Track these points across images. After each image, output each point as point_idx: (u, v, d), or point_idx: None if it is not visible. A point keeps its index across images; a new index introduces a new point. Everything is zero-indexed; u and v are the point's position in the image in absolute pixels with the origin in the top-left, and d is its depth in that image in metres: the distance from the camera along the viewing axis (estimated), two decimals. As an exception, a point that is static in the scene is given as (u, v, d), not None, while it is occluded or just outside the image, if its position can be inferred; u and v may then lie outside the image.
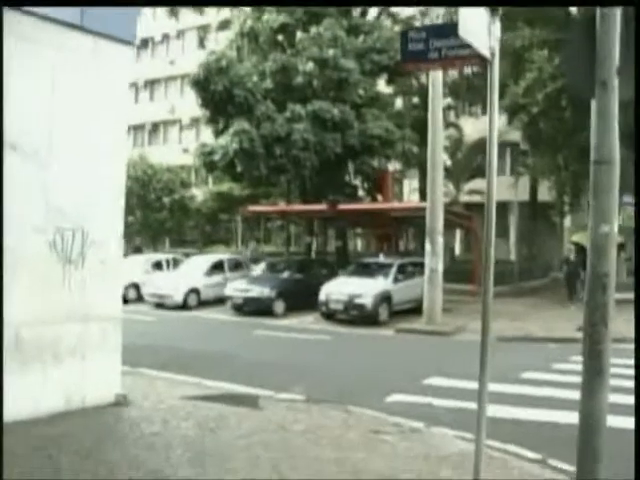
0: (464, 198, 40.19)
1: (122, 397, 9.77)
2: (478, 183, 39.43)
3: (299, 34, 31.65)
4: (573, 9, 23.35)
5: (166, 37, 66.83)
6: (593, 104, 5.76)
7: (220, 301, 26.77)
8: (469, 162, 39.61)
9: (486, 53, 6.35)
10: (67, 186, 9.09)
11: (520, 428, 9.67)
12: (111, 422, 8.94)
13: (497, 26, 6.52)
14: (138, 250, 47.19)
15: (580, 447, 5.84)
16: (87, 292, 9.30)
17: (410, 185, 46.13)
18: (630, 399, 10.99)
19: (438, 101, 22.40)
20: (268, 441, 8.19)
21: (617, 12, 5.59)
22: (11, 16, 8.11)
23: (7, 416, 7.55)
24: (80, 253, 9.23)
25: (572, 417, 6.23)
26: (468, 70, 35.12)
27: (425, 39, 6.78)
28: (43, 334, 8.73)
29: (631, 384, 12.26)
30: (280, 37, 33.22)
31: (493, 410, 10.19)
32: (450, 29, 6.42)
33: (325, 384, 12.78)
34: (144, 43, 68.88)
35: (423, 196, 30.49)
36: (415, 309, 23.16)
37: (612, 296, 5.69)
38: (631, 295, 28.94)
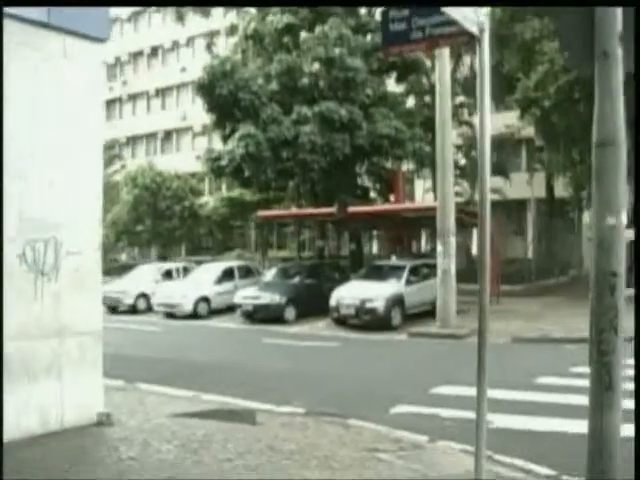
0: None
1: (105, 416, 9.14)
2: (494, 181, 38.79)
3: (304, 34, 31.04)
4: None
5: (176, 44, 66.78)
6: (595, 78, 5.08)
7: (231, 309, 26.24)
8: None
9: (474, 29, 5.69)
10: (40, 196, 8.53)
11: (534, 440, 8.99)
12: (88, 445, 8.32)
13: (485, -2, 5.83)
14: (163, 259, 47.04)
15: (589, 468, 5.15)
16: (62, 305, 8.71)
17: (424, 185, 45.49)
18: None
19: (446, 98, 21.83)
20: (252, 465, 7.54)
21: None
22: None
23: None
24: (54, 265, 8.65)
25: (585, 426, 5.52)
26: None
27: (407, 18, 6.15)
28: (16, 351, 8.13)
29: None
30: (285, 38, 32.56)
31: (505, 420, 9.62)
32: (434, 5, 5.77)
33: (329, 395, 12.18)
34: (154, 51, 68.93)
35: (437, 196, 29.96)
36: (429, 312, 22.54)
37: (622, 298, 4.98)
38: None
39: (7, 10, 7.98)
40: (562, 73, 26.01)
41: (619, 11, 4.95)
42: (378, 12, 35.02)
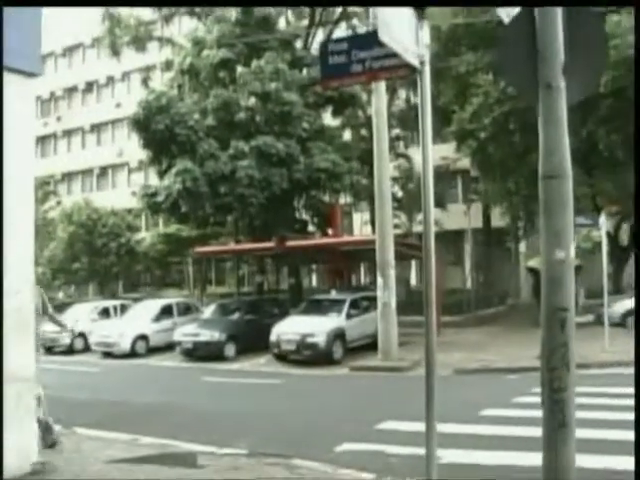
0: (417, 228, 39.72)
1: (40, 465, 8.77)
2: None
3: (240, 69, 31.01)
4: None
5: (111, 79, 66.25)
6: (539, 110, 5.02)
7: (170, 347, 25.83)
8: (420, 192, 39.18)
9: (415, 62, 5.61)
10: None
11: (484, 474, 8.85)
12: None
13: (426, 31, 5.75)
14: (114, 296, 46.28)
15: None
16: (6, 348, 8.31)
17: (362, 218, 45.62)
18: (597, 433, 10.37)
19: (383, 130, 21.91)
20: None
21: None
22: None
23: None
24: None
25: (535, 458, 5.41)
26: (415, 100, 34.92)
27: (347, 51, 6.08)
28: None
29: (597, 415, 11.68)
30: (221, 73, 32.51)
31: (453, 455, 9.47)
32: (374, 38, 5.66)
33: (272, 434, 11.91)
34: (89, 86, 68.33)
35: (375, 228, 30.01)
36: (371, 345, 22.43)
37: (573, 333, 4.89)
38: (591, 318, 28.69)
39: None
40: (497, 105, 26.37)
41: (561, 44, 4.92)
42: (315, 46, 35.28)
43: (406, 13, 5.59)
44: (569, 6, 5.03)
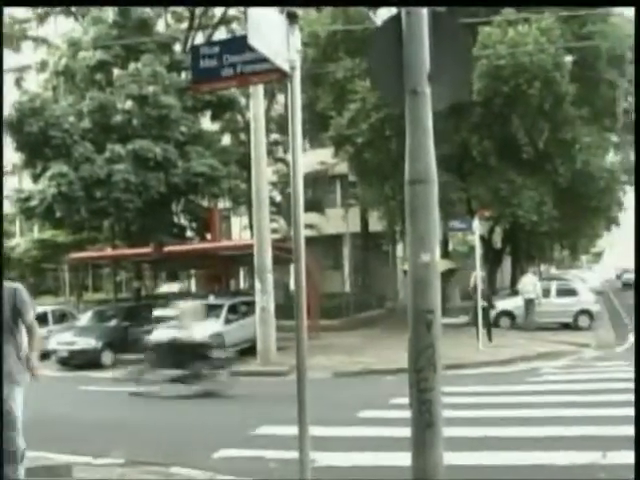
0: (297, 233, 39.88)
1: None
2: (310, 217, 39.30)
3: (117, 71, 30.54)
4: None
5: (-19, 81, 64.03)
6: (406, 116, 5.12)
7: (45, 356, 25.05)
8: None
9: (285, 67, 5.63)
10: None
11: (363, 476, 8.98)
12: None
13: (297, 36, 5.78)
14: None
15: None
16: None
17: (241, 222, 45.55)
18: (469, 431, 10.63)
19: (260, 135, 21.92)
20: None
21: (423, 11, 4.96)
22: None
23: None
24: None
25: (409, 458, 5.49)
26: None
27: (219, 54, 6.05)
28: None
29: (468, 414, 11.97)
30: (97, 75, 31.90)
31: (330, 458, 9.53)
32: (246, 42, 5.67)
33: (150, 442, 11.71)
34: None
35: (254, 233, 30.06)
36: (250, 349, 22.39)
37: (439, 335, 5.00)
38: (466, 319, 29.47)
39: None
40: (374, 111, 26.79)
41: (427, 52, 5.02)
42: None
43: (277, 18, 5.62)
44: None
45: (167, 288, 39.55)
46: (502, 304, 29.43)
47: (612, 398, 13.18)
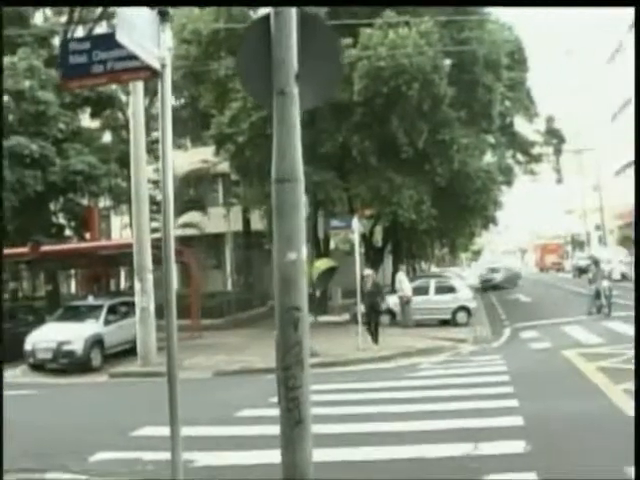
0: (178, 232, 39.46)
1: None
2: (192, 216, 39.09)
3: (-10, 65, 29.59)
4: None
5: None
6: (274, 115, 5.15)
7: None
8: (181, 195, 39.03)
9: (155, 64, 5.59)
10: None
11: (242, 474, 8.98)
12: None
13: (168, 34, 5.74)
14: None
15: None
16: None
17: (122, 221, 44.85)
18: (343, 427, 10.77)
19: (140, 133, 21.60)
20: None
21: (292, 11, 4.99)
22: None
23: None
24: None
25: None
26: (176, 102, 34.81)
27: (88, 50, 5.96)
28: None
29: (344, 411, 12.12)
30: (-30, 69, 30.86)
31: (208, 457, 9.49)
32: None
33: (24, 448, 11.26)
34: None
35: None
36: (131, 350, 22.15)
37: (307, 332, 5.04)
38: (347, 316, 29.79)
39: None
40: (254, 110, 26.78)
41: (295, 52, 5.06)
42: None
43: (148, 15, 5.56)
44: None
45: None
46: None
47: (485, 391, 13.55)
